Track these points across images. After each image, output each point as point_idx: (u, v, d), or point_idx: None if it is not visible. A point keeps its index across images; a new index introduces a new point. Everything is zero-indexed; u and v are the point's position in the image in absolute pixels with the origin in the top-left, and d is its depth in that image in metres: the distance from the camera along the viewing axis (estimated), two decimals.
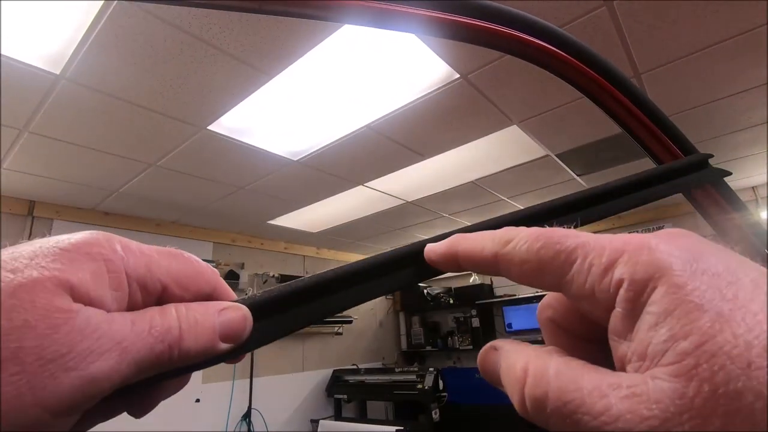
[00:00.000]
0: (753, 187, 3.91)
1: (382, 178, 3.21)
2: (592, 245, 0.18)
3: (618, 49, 1.90)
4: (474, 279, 5.48)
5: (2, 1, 1.44)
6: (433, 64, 1.95)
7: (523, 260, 0.19)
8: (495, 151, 2.89)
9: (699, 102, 2.39)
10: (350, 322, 5.07)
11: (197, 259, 0.25)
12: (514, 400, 0.18)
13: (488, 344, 0.22)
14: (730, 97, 2.34)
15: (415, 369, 4.58)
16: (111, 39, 1.65)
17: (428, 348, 5.84)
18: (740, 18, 1.75)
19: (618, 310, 0.17)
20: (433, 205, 3.92)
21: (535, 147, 2.86)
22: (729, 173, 0.25)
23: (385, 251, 0.26)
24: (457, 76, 2.05)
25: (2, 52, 1.67)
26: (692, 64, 2.03)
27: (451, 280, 5.94)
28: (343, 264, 0.26)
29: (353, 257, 5.65)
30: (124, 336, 0.19)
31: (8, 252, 0.18)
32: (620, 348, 0.17)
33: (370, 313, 5.75)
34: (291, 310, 0.24)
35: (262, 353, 4.19)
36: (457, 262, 0.23)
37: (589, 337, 0.21)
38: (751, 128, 2.76)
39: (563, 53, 0.36)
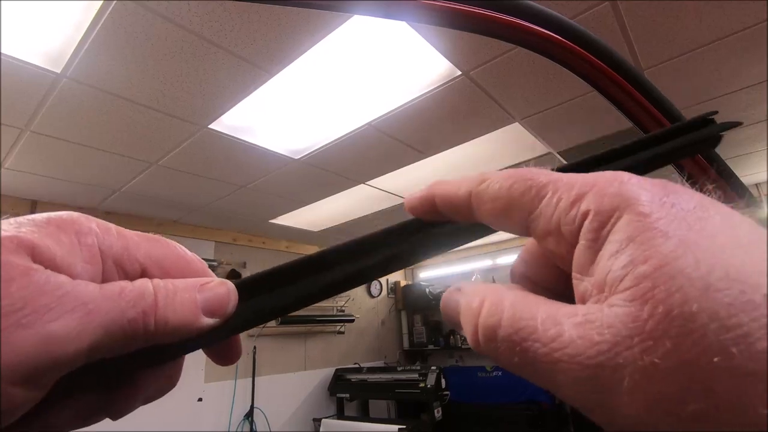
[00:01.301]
0: (756, 185, 3.89)
1: (383, 176, 3.20)
2: (564, 181, 0.17)
3: (621, 45, 1.89)
4: (476, 278, 5.48)
5: (2, 0, 1.44)
6: (434, 61, 1.95)
7: (494, 197, 0.19)
8: (497, 148, 2.88)
9: (702, 98, 2.37)
10: (352, 320, 5.07)
11: (182, 247, 0.23)
12: (468, 333, 0.18)
13: (452, 286, 0.21)
14: (733, 93, 2.33)
15: (418, 368, 4.58)
16: (112, 37, 1.64)
17: (430, 347, 5.84)
18: (743, 14, 1.74)
19: (582, 243, 0.16)
20: None
21: (537, 144, 2.85)
22: (739, 123, 0.24)
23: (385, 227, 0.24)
24: (459, 73, 2.04)
25: (3, 51, 1.67)
26: (695, 60, 2.02)
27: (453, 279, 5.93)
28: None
29: None
30: (90, 297, 0.17)
31: None
32: (581, 285, 0.16)
33: (372, 312, 5.75)
34: (281, 288, 0.23)
35: (264, 352, 4.20)
36: (434, 206, 0.22)
37: (564, 292, 0.19)
38: (753, 125, 2.74)
39: (566, 41, 0.36)
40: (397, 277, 6.34)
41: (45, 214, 0.19)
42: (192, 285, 0.21)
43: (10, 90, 1.89)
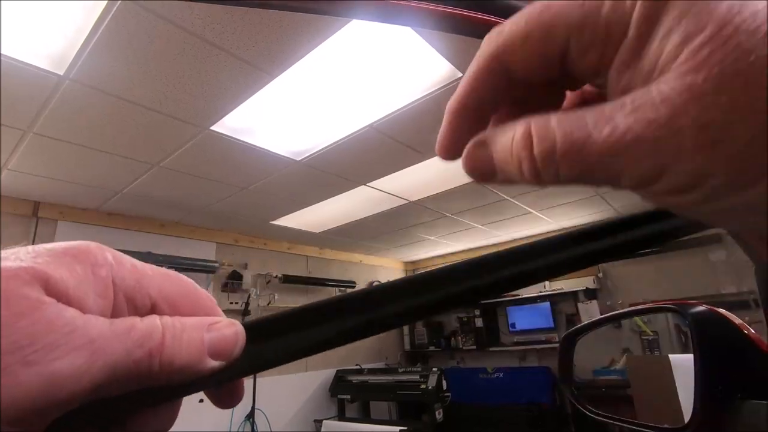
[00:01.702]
0: None
1: (384, 177, 3.21)
2: None
3: None
4: None
5: (7, 2, 1.45)
6: (435, 62, 1.95)
7: (524, 35, 0.17)
8: None
9: None
10: None
11: (194, 283, 0.23)
12: (526, 169, 0.17)
13: (471, 143, 0.20)
14: None
15: (419, 369, 4.58)
16: (114, 39, 1.65)
17: (432, 348, 5.84)
18: None
19: (631, 33, 0.15)
20: (436, 205, 3.91)
21: None
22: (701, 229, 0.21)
23: (409, 276, 0.23)
24: (460, 75, 2.04)
25: (6, 53, 1.68)
26: None
27: None
28: (346, 263, 0.24)
29: (356, 257, 5.65)
30: (99, 333, 0.17)
31: (10, 246, 0.18)
32: (624, 78, 0.15)
33: None
34: (292, 333, 0.22)
35: None
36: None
37: (547, 82, 0.18)
38: None
39: None
40: (398, 277, 6.34)
41: (63, 244, 0.18)
42: (200, 324, 0.20)
43: (13, 92, 1.90)
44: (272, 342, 0.22)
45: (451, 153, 0.22)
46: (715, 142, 0.13)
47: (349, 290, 5.49)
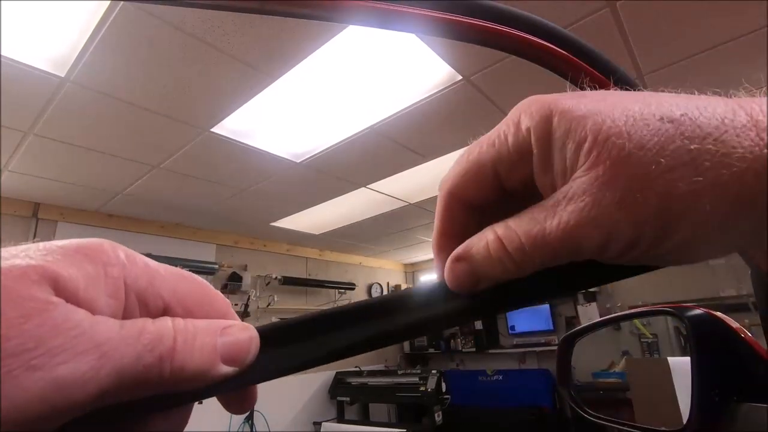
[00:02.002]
0: None
1: (385, 180, 3.21)
2: (501, 123, 0.22)
3: (621, 50, 1.90)
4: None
5: (8, 3, 1.45)
6: (435, 66, 1.96)
7: (463, 172, 0.23)
8: None
9: None
10: None
11: (209, 285, 0.22)
12: (509, 265, 0.20)
13: (449, 260, 0.22)
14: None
15: (418, 371, 4.57)
16: (115, 41, 1.66)
17: (431, 350, 5.83)
18: (744, 19, 1.75)
19: (535, 152, 0.20)
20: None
21: None
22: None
23: (429, 283, 0.23)
24: (460, 77, 2.05)
25: (8, 55, 1.69)
26: (695, 65, 2.02)
27: None
28: (345, 265, 0.24)
29: (356, 259, 5.65)
30: (108, 338, 0.16)
31: (10, 245, 0.17)
32: (545, 180, 0.20)
33: None
34: (309, 340, 0.21)
35: None
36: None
37: (486, 202, 0.24)
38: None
39: (566, 53, 0.36)
40: (397, 280, 6.34)
41: (76, 241, 0.18)
42: (213, 328, 0.20)
43: (14, 93, 1.90)
44: (287, 348, 0.21)
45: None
46: (628, 210, 0.17)
47: (348, 292, 5.45)
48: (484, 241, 0.21)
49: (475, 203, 0.24)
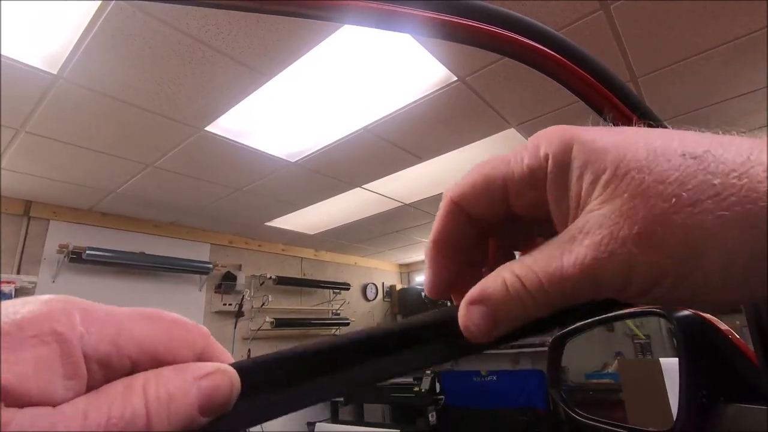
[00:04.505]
0: None
1: (380, 180, 3.21)
2: (516, 149, 0.22)
3: (615, 52, 1.91)
4: None
5: (0, 1, 1.44)
6: (430, 66, 1.96)
7: (472, 184, 0.23)
8: (493, 153, 2.88)
9: (696, 106, 2.40)
10: (347, 324, 5.07)
11: (182, 319, 0.20)
12: (529, 303, 0.20)
13: (462, 303, 0.21)
14: (727, 101, 2.35)
15: None
16: (109, 39, 1.65)
17: None
18: (737, 22, 1.77)
19: (551, 177, 0.20)
20: (431, 208, 3.92)
21: None
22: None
23: (420, 315, 0.22)
24: (455, 78, 2.05)
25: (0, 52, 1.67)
26: (689, 68, 2.04)
27: None
28: (340, 265, 0.23)
29: (351, 259, 5.64)
30: None
31: None
32: (559, 209, 0.20)
33: (368, 315, 5.74)
34: (294, 383, 0.20)
35: (258, 353, 4.17)
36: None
37: (495, 226, 0.24)
38: (748, 132, 2.77)
39: (559, 56, 0.37)
40: (392, 280, 6.34)
41: (18, 313, 0.16)
42: (189, 381, 0.18)
43: (5, 90, 1.89)
44: (272, 393, 0.19)
45: (438, 293, 0.25)
46: (648, 244, 0.17)
47: (343, 292, 5.42)
48: (500, 279, 0.20)
49: (478, 216, 0.23)
